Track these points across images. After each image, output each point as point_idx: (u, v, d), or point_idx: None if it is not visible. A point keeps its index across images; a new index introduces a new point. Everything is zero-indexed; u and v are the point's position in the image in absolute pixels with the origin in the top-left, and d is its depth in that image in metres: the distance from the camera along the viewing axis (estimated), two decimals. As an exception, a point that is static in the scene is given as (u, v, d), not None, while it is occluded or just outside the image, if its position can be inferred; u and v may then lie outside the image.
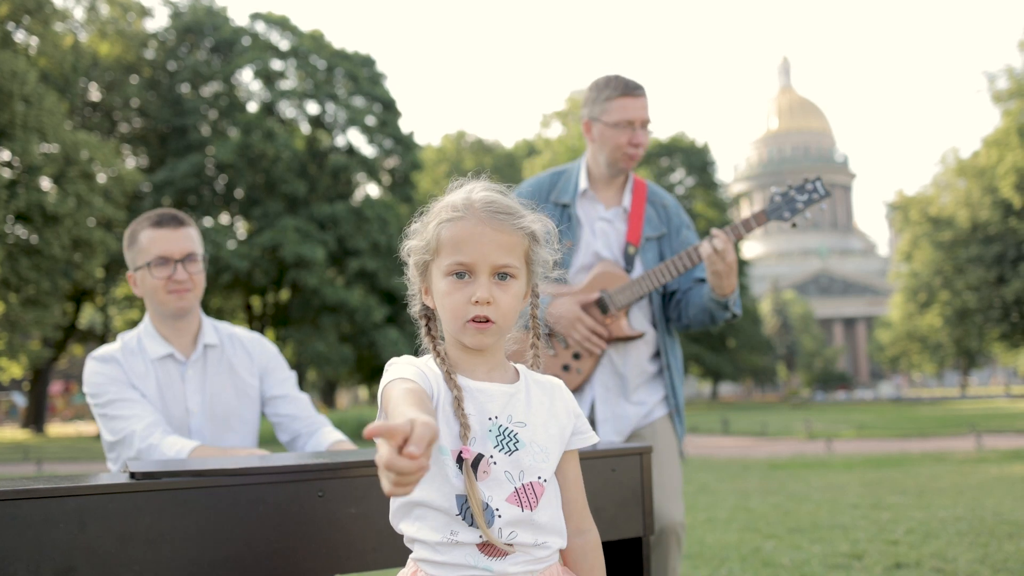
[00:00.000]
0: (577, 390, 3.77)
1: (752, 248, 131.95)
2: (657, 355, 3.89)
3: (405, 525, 1.80)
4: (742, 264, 65.66)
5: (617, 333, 3.73)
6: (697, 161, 63.09)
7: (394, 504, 1.83)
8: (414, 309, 1.92)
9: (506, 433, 1.79)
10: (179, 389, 3.25)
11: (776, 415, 47.50)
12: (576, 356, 3.74)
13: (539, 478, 1.79)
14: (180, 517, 1.94)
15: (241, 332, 3.48)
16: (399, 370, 1.77)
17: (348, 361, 41.42)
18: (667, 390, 3.87)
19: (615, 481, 2.53)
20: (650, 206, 3.92)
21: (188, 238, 3.25)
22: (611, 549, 2.62)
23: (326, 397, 56.62)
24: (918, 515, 8.90)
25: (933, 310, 53.48)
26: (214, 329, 3.40)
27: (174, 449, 2.93)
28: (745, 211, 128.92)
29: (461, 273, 1.76)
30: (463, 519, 1.73)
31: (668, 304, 3.90)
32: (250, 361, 3.42)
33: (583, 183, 3.91)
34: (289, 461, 2.21)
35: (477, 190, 1.84)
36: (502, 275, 1.78)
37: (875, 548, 7.06)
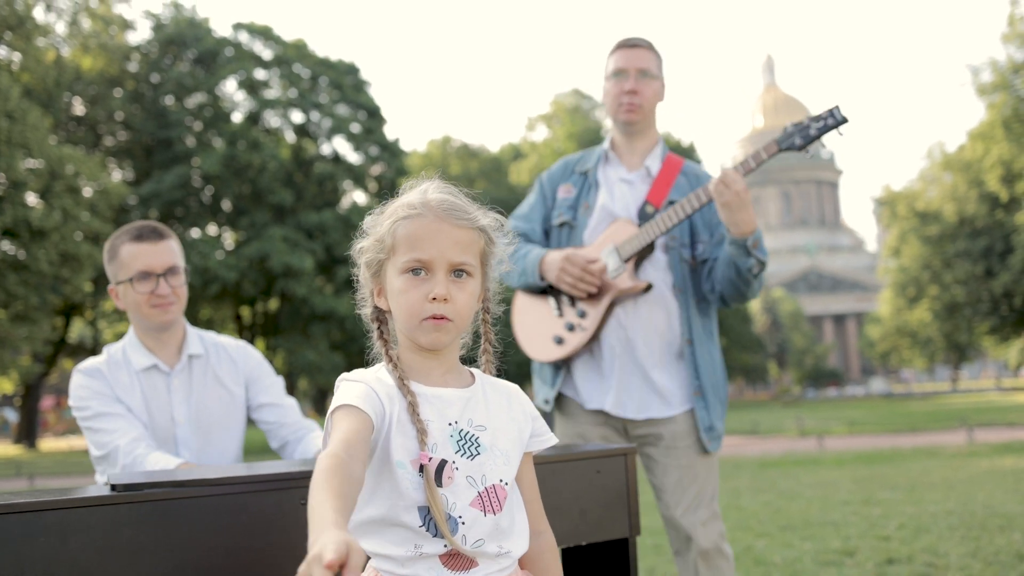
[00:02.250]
0: (584, 350, 3.65)
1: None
2: (681, 329, 3.64)
3: (366, 542, 1.75)
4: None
5: (619, 285, 3.54)
6: (683, 161, 63.02)
7: (351, 522, 1.66)
8: (365, 312, 1.90)
9: (467, 437, 1.77)
10: (165, 400, 3.25)
11: (767, 413, 47.56)
12: (582, 315, 3.59)
13: (501, 481, 1.78)
14: (161, 528, 1.94)
15: (226, 341, 3.48)
16: (346, 394, 1.73)
17: (339, 369, 41.28)
18: (689, 370, 3.61)
19: (600, 483, 2.53)
20: (683, 176, 3.75)
21: (169, 251, 3.25)
22: (598, 551, 2.62)
23: (318, 405, 56.60)
24: (909, 510, 8.92)
25: (922, 305, 53.51)
26: (199, 339, 3.40)
27: (159, 465, 2.93)
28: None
29: (417, 270, 1.75)
30: (427, 530, 1.71)
31: (700, 276, 3.67)
32: (235, 370, 3.42)
33: (606, 146, 3.86)
34: (271, 469, 2.21)
35: (432, 190, 1.84)
36: (458, 272, 1.77)
37: (867, 544, 7.08)
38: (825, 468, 14.66)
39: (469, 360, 1.94)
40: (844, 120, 3.33)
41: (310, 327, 40.85)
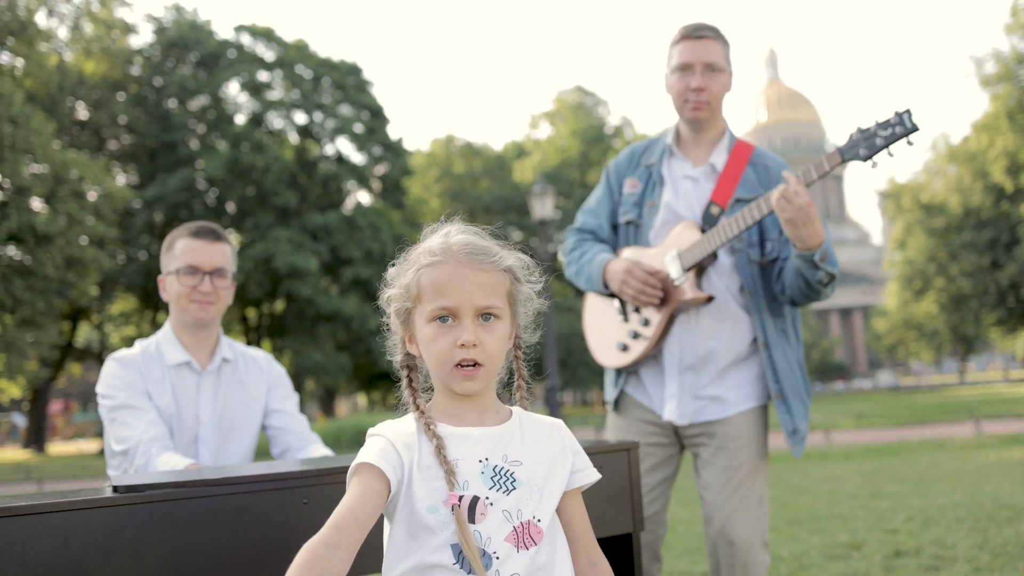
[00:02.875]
0: (647, 359, 3.57)
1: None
2: (750, 332, 3.52)
3: None
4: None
5: (680, 296, 3.41)
6: (687, 156, 63.05)
7: (397, 570, 1.75)
8: (396, 359, 1.90)
9: (501, 473, 1.76)
10: (193, 398, 3.32)
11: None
12: (645, 323, 3.52)
13: (535, 517, 1.76)
14: (163, 529, 1.94)
15: (254, 352, 3.58)
16: (364, 452, 1.75)
17: (345, 369, 41.42)
18: (761, 371, 3.51)
19: (604, 478, 2.52)
20: (750, 168, 3.58)
21: (221, 253, 3.35)
22: (601, 546, 2.62)
23: (325, 406, 56.52)
24: (917, 503, 8.90)
25: (928, 297, 53.45)
26: (230, 346, 3.49)
27: (168, 466, 2.95)
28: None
29: (444, 317, 1.75)
30: (461, 567, 1.70)
31: (771, 275, 3.50)
32: (260, 377, 3.52)
33: (670, 140, 3.69)
34: (273, 469, 2.21)
35: (453, 233, 1.83)
36: (486, 316, 1.76)
37: (874, 537, 7.07)
38: (832, 462, 14.63)
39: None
40: (915, 128, 3.06)
41: (316, 328, 40.91)
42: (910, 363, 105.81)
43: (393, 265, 1.89)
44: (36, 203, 29.91)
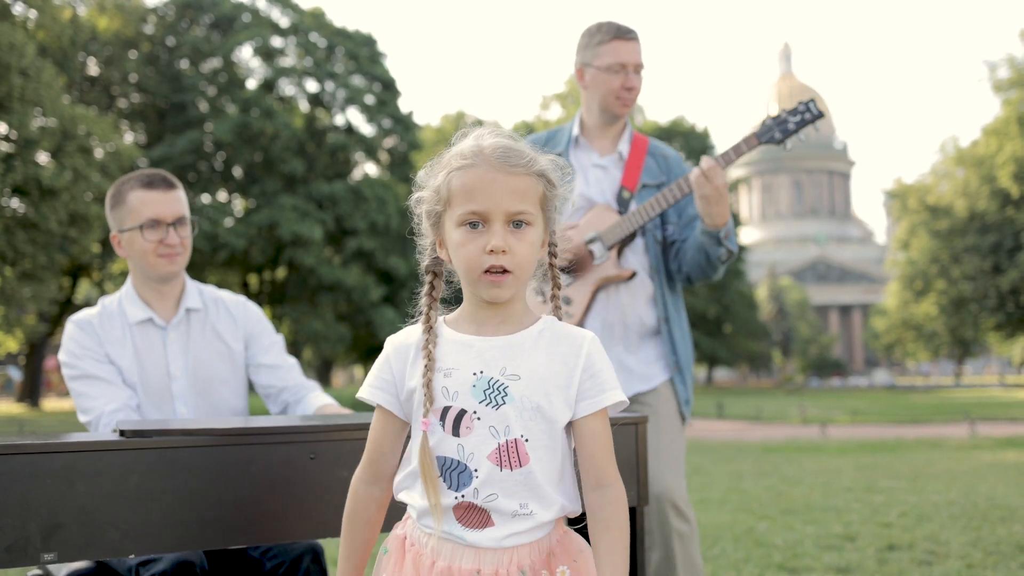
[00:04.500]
0: None
1: (749, 234, 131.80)
2: (656, 308, 3.75)
3: (403, 495, 1.79)
4: (740, 249, 65.65)
5: (605, 272, 3.64)
6: (697, 145, 63.01)
7: (399, 474, 1.81)
8: (424, 263, 1.86)
9: (495, 386, 1.72)
10: (160, 354, 3.20)
11: (771, 400, 47.61)
12: (567, 301, 3.67)
13: (523, 437, 1.71)
14: (169, 477, 1.92)
15: (225, 295, 3.43)
16: (369, 379, 1.84)
17: (345, 340, 41.38)
18: (666, 346, 3.72)
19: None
20: (650, 157, 3.84)
21: (179, 201, 3.21)
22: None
23: (322, 376, 56.68)
24: (911, 499, 8.91)
25: (929, 299, 53.43)
26: (198, 292, 3.35)
27: None
28: (743, 196, 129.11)
29: (475, 223, 1.71)
30: (443, 481, 1.70)
31: (668, 255, 3.77)
32: (234, 325, 3.37)
33: (575, 132, 3.86)
34: (281, 423, 2.20)
35: (486, 136, 1.78)
36: (517, 223, 1.72)
37: (868, 530, 7.07)
38: (828, 455, 14.66)
39: None
40: (820, 115, 3.46)
41: (317, 297, 40.83)
42: (906, 363, 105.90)
43: (426, 168, 1.84)
44: (42, 157, 29.79)
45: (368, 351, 45.81)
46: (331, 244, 42.30)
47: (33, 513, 1.79)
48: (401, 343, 1.82)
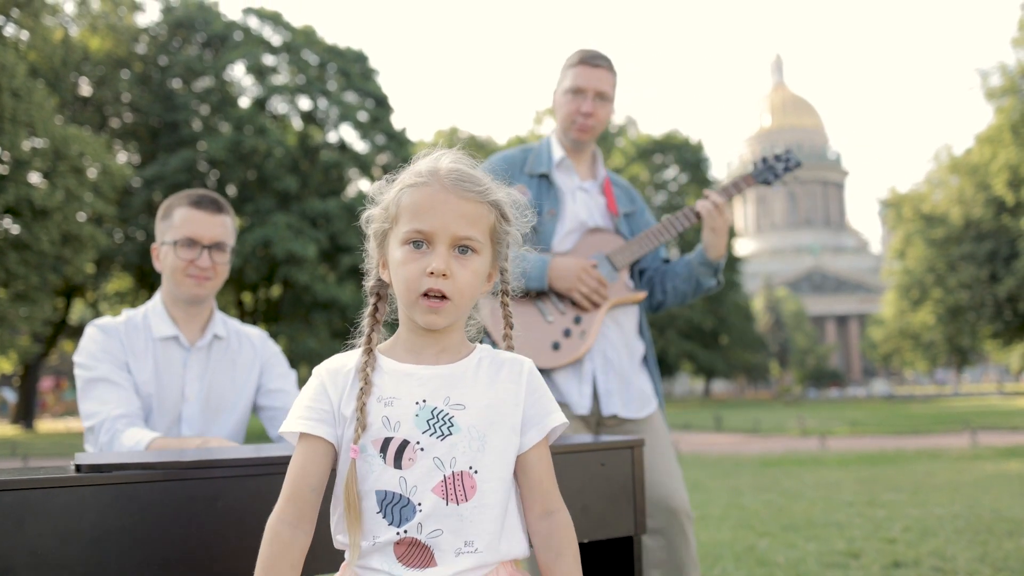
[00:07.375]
0: (581, 358, 3.61)
1: (745, 245, 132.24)
2: (642, 331, 3.81)
3: (340, 536, 1.67)
4: (735, 261, 65.76)
5: (618, 294, 3.63)
6: (691, 158, 63.23)
7: (334, 515, 1.69)
8: (368, 284, 1.80)
9: (440, 416, 1.63)
10: (178, 374, 3.17)
11: (769, 412, 47.50)
12: (577, 320, 3.57)
13: (470, 468, 1.62)
14: (129, 514, 1.78)
15: (249, 329, 3.44)
16: (298, 405, 1.70)
17: (340, 358, 41.28)
18: (652, 376, 3.77)
19: (604, 476, 2.38)
20: (615, 186, 3.89)
21: (222, 226, 3.20)
22: (600, 549, 2.48)
23: (318, 394, 56.51)
24: (915, 512, 8.78)
25: (926, 308, 53.52)
26: (223, 323, 3.34)
27: (132, 440, 2.81)
28: (737, 207, 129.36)
29: (419, 242, 1.64)
30: (383, 517, 1.60)
31: (640, 282, 3.85)
32: (253, 356, 3.37)
33: (558, 153, 3.80)
34: (249, 454, 2.05)
35: (446, 158, 1.72)
36: (463, 248, 1.65)
37: (872, 546, 6.93)
38: (828, 468, 14.52)
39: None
40: (799, 164, 3.87)
41: (312, 314, 40.78)
42: (904, 373, 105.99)
43: (382, 184, 1.77)
44: (35, 177, 29.73)
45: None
46: (325, 261, 42.27)
47: (-21, 557, 1.65)
48: (336, 369, 1.71)
